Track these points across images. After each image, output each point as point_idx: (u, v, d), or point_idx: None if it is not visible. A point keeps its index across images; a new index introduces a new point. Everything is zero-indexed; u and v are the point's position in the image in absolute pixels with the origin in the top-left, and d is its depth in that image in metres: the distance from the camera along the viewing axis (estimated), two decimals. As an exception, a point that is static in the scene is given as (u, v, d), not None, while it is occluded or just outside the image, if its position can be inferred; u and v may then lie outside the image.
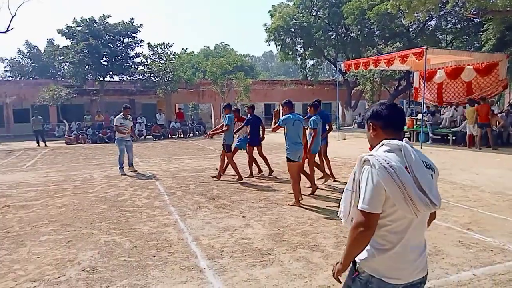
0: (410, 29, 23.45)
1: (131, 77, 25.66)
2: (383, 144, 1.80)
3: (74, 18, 24.18)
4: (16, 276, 3.69)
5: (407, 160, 1.70)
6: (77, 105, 25.65)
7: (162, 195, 7.02)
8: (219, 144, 8.86)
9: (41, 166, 11.43)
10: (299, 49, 28.71)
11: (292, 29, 26.38)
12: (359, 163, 1.78)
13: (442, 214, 5.46)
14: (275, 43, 27.60)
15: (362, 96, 26.08)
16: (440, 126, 15.06)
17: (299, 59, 29.29)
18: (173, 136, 21.83)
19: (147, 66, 25.30)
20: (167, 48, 25.40)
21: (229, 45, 47.85)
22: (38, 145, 18.01)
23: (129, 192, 7.37)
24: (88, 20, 23.97)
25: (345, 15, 23.30)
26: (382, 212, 1.70)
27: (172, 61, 25.23)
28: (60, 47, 25.30)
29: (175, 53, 26.21)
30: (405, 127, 16.53)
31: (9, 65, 34.69)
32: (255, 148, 8.85)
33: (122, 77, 25.90)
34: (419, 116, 15.61)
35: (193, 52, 39.41)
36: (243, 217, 5.51)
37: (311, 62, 30.83)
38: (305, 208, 5.90)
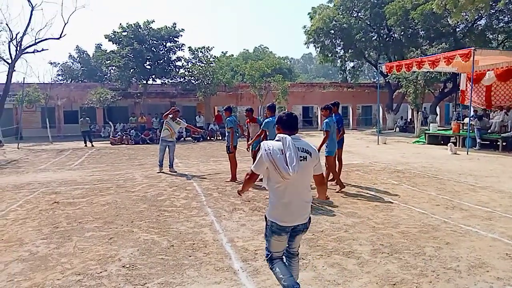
0: (458, 29, 22.40)
1: (173, 80, 26.42)
2: (276, 136, 2.97)
3: (120, 24, 25.29)
4: (63, 269, 3.93)
5: (284, 145, 2.83)
6: (122, 107, 26.81)
7: (200, 196, 7.19)
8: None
9: (88, 165, 12.06)
10: (338, 51, 28.26)
11: (332, 31, 26.02)
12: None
13: (488, 224, 5.17)
14: (314, 45, 27.34)
15: (405, 99, 25.20)
16: (489, 131, 14.22)
17: (338, 61, 28.84)
18: (212, 138, 22.23)
19: (188, 69, 25.95)
20: (207, 52, 25.92)
21: (268, 48, 48.07)
22: (86, 145, 19.01)
23: (168, 192, 7.61)
24: (133, 25, 24.98)
25: (387, 15, 22.66)
26: (269, 178, 2.91)
27: (211, 65, 25.71)
28: (107, 52, 26.56)
29: (214, 56, 26.69)
30: (451, 132, 15.82)
31: (61, 69, 36.85)
32: None
33: (164, 80, 26.74)
34: (466, 120, 14.85)
35: (232, 55, 39.90)
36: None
37: (351, 64, 30.27)
38: (341, 214, 5.81)
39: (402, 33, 23.66)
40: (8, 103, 22.18)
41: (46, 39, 21.66)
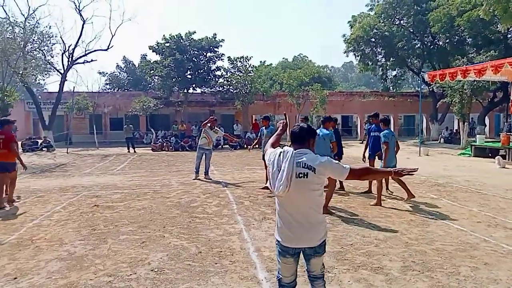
0: (509, 35, 21.18)
1: (212, 89, 27.04)
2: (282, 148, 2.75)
3: (164, 35, 26.34)
4: (96, 270, 4.13)
5: (281, 159, 2.59)
6: (164, 115, 27.76)
7: (231, 204, 7.27)
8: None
9: (129, 171, 12.59)
10: (380, 59, 27.68)
11: (373, 39, 25.55)
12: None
13: (534, 245, 4.81)
14: (354, 54, 26.96)
15: (450, 109, 24.10)
16: (543, 144, 13.25)
17: (379, 69, 28.21)
18: (248, 147, 22.39)
19: (227, 78, 26.47)
20: (246, 61, 26.32)
21: (307, 57, 47.89)
22: (128, 151, 19.85)
23: (201, 199, 7.77)
24: (175, 36, 25.93)
25: (432, 23, 21.91)
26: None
27: (250, 74, 26.05)
28: (151, 62, 27.73)
29: (253, 66, 27.04)
30: (500, 144, 14.88)
31: (109, 78, 38.90)
32: None
33: (204, 89, 27.44)
34: (517, 132, 13.94)
35: (271, 64, 40.22)
36: (307, 231, 5.45)
37: (393, 73, 29.48)
38: (373, 228, 5.65)
39: (447, 40, 22.76)
40: (60, 110, 23.71)
41: (95, 51, 23.10)
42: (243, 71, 26.20)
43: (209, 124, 10.48)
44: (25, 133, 26.31)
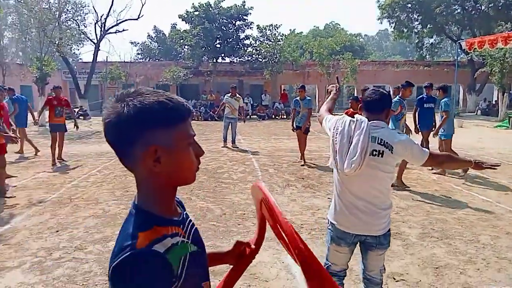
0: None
1: (241, 59, 26.92)
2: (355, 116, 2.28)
3: (193, 3, 26.21)
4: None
5: (354, 130, 2.13)
6: (193, 84, 28.07)
7: (256, 171, 7.47)
8: (318, 126, 8.74)
9: (159, 138, 13.01)
10: (416, 26, 26.40)
11: (409, 4, 24.33)
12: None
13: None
14: (389, 21, 25.87)
15: (489, 79, 22.89)
16: None
17: (415, 37, 26.97)
18: (276, 117, 22.43)
19: (255, 47, 26.20)
20: (275, 30, 25.87)
21: (339, 25, 46.28)
22: (159, 120, 20.37)
23: (227, 166, 8.01)
24: (204, 5, 25.75)
25: (474, -15, 20.52)
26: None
27: (279, 43, 25.64)
28: (180, 31, 27.82)
29: (282, 34, 26.55)
30: None
31: (140, 48, 39.48)
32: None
33: (233, 59, 27.36)
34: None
35: (301, 32, 39.26)
36: (329, 198, 5.57)
37: (430, 41, 28.11)
38: (396, 196, 5.68)
39: (491, 4, 21.32)
40: (94, 80, 24.49)
41: (126, 20, 23.34)
42: (272, 40, 25.81)
43: (228, 94, 10.66)
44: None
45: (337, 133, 2.16)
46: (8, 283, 3.17)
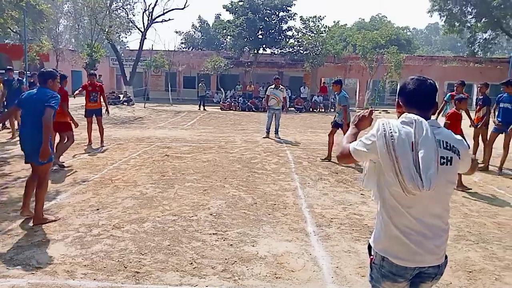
0: None
1: (282, 50, 26.76)
2: (401, 117, 1.75)
3: (238, -6, 26.28)
4: (163, 209, 4.65)
5: (416, 135, 1.63)
6: (233, 75, 28.31)
7: (289, 163, 7.48)
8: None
9: (198, 126, 13.34)
10: (469, 20, 24.94)
11: (463, -3, 23.02)
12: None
13: None
14: (439, 14, 24.63)
15: (548, 78, 21.26)
16: None
17: (467, 31, 25.51)
18: (314, 110, 22.18)
19: (297, 39, 25.92)
20: (319, 21, 25.43)
21: (386, 17, 44.68)
22: (199, 109, 20.85)
23: (261, 156, 8.08)
24: (249, -5, 25.76)
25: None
26: (379, 181, 1.75)
27: (322, 35, 25.20)
28: (224, 22, 28.06)
29: (326, 26, 26.05)
30: None
31: (184, 38, 40.28)
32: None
33: (274, 50, 27.26)
34: None
35: (345, 25, 38.31)
36: (362, 194, 5.49)
37: (484, 36, 26.48)
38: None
39: (556, -2, 19.69)
40: (139, 67, 25.34)
41: (172, 9, 23.88)
42: (315, 32, 25.41)
43: (272, 86, 10.72)
44: (109, 87, 28.73)
45: (393, 143, 1.61)
46: (52, 254, 3.43)
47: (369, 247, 1.86)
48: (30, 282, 2.95)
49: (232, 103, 22.12)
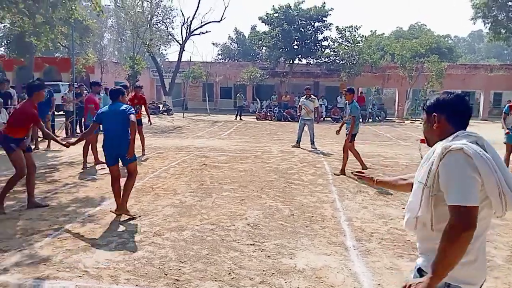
0: None
1: (317, 60, 26.67)
2: (457, 136, 1.60)
3: (273, 6, 26.60)
4: (201, 218, 4.72)
5: (488, 153, 1.52)
6: (269, 85, 28.52)
7: (327, 174, 7.38)
8: (396, 132, 8.38)
9: (234, 136, 13.49)
10: (516, 26, 23.70)
11: (510, 3, 21.92)
12: (440, 153, 1.55)
13: None
14: (484, 21, 23.55)
15: None
16: None
17: (515, 39, 24.23)
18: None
19: (333, 49, 25.74)
20: (355, 31, 25.14)
21: (425, 25, 43.43)
22: (236, 119, 21.11)
23: (298, 167, 8.03)
24: (284, 7, 25.98)
25: None
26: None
27: (358, 44, 24.88)
28: (259, 33, 28.42)
29: (362, 35, 25.71)
30: None
31: (221, 49, 41.14)
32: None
33: (309, 60, 27.23)
34: None
35: (383, 34, 37.52)
36: (403, 208, 5.30)
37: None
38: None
39: None
40: (178, 78, 26.12)
41: (209, 22, 24.52)
42: (351, 41, 25.13)
43: (303, 97, 10.83)
44: (149, 98, 29.77)
45: (491, 162, 1.48)
46: (97, 258, 3.56)
47: (419, 270, 1.69)
48: (78, 285, 3.08)
49: (268, 113, 22.22)
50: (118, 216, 4.69)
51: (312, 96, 10.95)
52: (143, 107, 9.28)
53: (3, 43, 22.56)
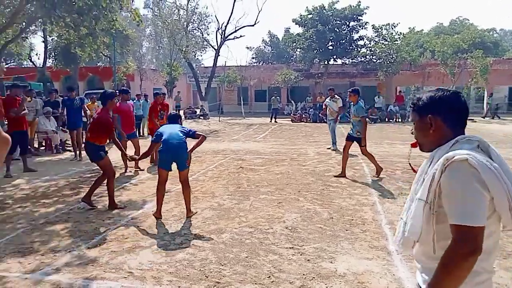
0: None
1: (353, 60, 26.17)
2: (457, 141, 1.42)
3: (307, 7, 26.42)
4: (240, 221, 4.75)
5: (493, 160, 1.35)
6: (303, 87, 28.29)
7: (366, 176, 7.21)
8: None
9: (269, 139, 13.50)
10: None
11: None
12: (442, 164, 1.36)
13: None
14: (533, 11, 22.12)
15: None
16: None
17: None
18: (390, 120, 21.19)
19: (370, 48, 25.15)
20: (392, 29, 24.45)
21: (468, 19, 41.44)
22: (271, 121, 21.13)
23: (336, 169, 7.89)
24: (318, 8, 25.73)
25: None
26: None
27: (396, 42, 24.15)
28: (293, 35, 28.32)
29: (400, 33, 24.94)
30: None
31: (255, 53, 41.39)
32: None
33: (345, 60, 26.77)
34: None
35: (422, 30, 36.25)
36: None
37: None
38: None
39: None
40: (213, 83, 26.56)
41: (243, 27, 24.77)
42: (388, 39, 24.45)
43: (328, 98, 10.87)
44: (186, 103, 30.48)
45: (498, 172, 1.32)
46: (141, 260, 3.68)
47: None
48: (124, 286, 3.19)
49: (303, 115, 22.06)
50: (159, 219, 4.82)
51: (336, 96, 10.84)
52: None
53: (51, 55, 23.95)
